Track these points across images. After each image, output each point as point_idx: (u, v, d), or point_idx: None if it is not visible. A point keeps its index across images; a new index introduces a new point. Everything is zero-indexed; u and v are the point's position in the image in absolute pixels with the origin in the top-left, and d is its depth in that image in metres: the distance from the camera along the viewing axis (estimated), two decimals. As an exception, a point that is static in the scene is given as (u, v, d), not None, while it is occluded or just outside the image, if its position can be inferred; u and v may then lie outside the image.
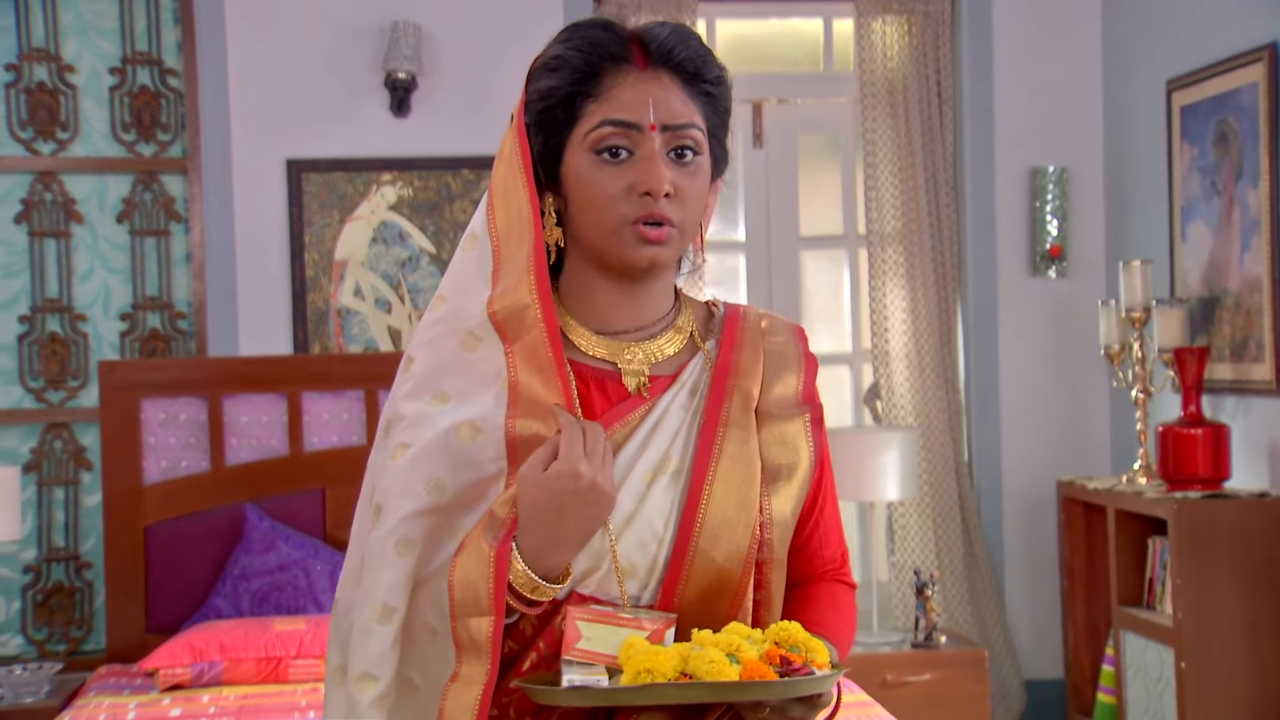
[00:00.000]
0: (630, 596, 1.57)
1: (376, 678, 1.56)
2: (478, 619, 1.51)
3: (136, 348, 4.82)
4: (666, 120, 1.58)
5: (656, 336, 1.67)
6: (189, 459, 4.28)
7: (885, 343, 5.04)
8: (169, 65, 4.85)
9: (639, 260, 1.59)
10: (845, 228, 5.27)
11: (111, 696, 3.76)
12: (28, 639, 4.77)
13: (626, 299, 1.66)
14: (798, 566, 1.74)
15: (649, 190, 1.56)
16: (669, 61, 1.60)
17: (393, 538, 1.57)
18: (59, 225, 4.80)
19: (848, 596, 1.77)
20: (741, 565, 1.58)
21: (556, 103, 1.60)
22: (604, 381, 1.64)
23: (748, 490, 1.60)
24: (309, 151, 4.80)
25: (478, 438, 1.57)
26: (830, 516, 1.76)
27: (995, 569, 5.13)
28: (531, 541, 1.52)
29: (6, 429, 4.76)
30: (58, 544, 4.79)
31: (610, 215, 1.58)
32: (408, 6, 4.81)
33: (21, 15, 4.78)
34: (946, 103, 5.11)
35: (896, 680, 4.33)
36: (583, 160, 1.59)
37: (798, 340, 1.75)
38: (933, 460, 5.02)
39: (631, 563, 1.57)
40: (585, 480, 1.51)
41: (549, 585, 1.53)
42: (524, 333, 1.58)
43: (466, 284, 1.63)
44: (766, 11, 5.23)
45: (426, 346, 1.63)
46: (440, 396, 1.60)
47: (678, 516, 1.58)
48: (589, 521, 1.53)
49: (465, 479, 1.58)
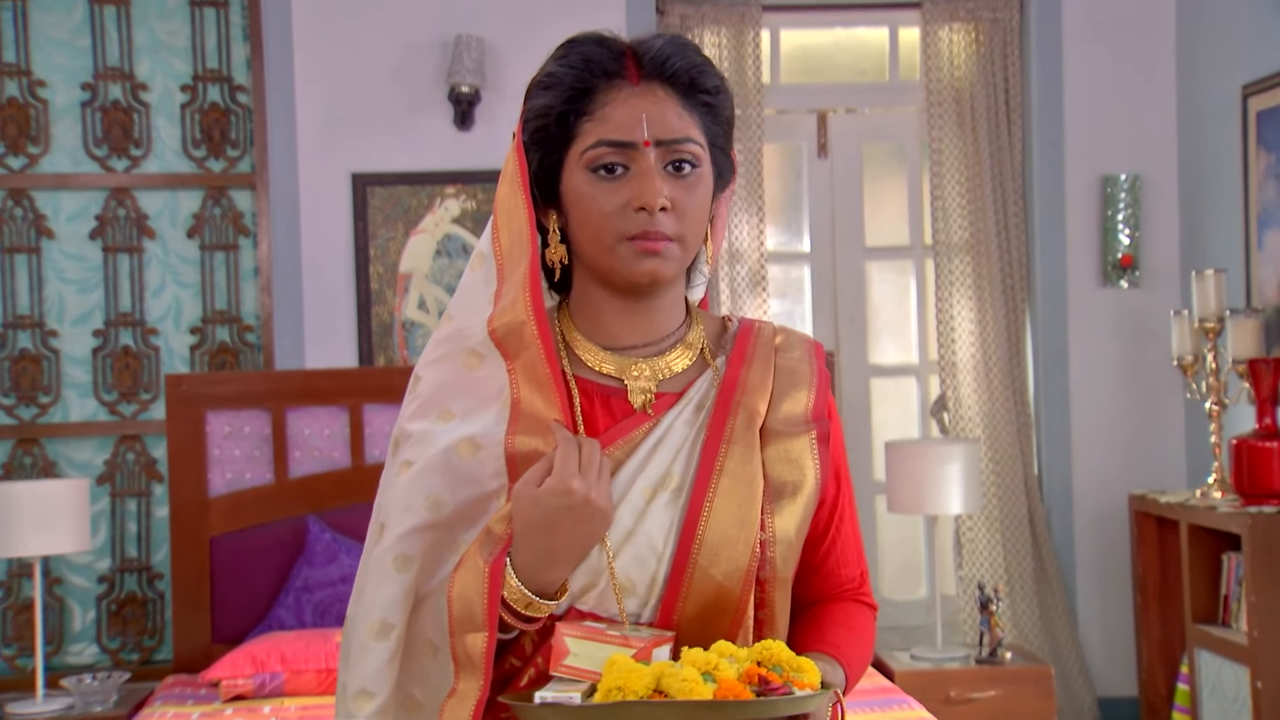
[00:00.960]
0: (630, 614, 1.55)
1: (373, 694, 1.57)
2: (473, 634, 1.51)
3: (206, 361, 4.89)
4: (661, 135, 1.56)
5: (665, 353, 1.66)
6: (253, 471, 4.33)
7: (952, 354, 4.98)
8: (238, 82, 4.92)
9: (639, 275, 1.58)
10: (911, 238, 5.21)
11: (176, 706, 3.81)
12: (102, 648, 4.85)
13: (632, 315, 1.65)
14: (814, 585, 1.72)
15: (643, 205, 1.55)
16: (663, 74, 1.58)
17: (391, 554, 1.57)
18: (132, 241, 4.88)
19: (865, 617, 1.74)
20: (741, 583, 1.55)
21: (552, 121, 1.59)
22: (609, 398, 1.63)
23: (748, 508, 1.57)
24: (374, 165, 4.84)
25: (477, 454, 1.57)
26: (847, 535, 1.73)
27: (1066, 584, 5.04)
28: (525, 557, 1.52)
29: (81, 441, 4.84)
30: (130, 555, 4.87)
31: (607, 232, 1.57)
32: (471, 21, 4.83)
33: (98, 36, 4.87)
34: (1015, 111, 5.04)
35: (960, 697, 4.26)
36: (580, 178, 1.58)
37: (812, 356, 1.72)
38: (1001, 473, 4.95)
39: (630, 579, 1.55)
40: (578, 496, 1.50)
41: (544, 601, 1.52)
42: (523, 349, 1.58)
43: (472, 303, 1.63)
44: (831, 21, 5.19)
45: (433, 366, 1.63)
46: (444, 415, 1.60)
47: (677, 534, 1.56)
48: (584, 537, 1.52)
49: (465, 495, 1.58)
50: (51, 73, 4.87)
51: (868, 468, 5.11)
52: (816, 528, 1.69)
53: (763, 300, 4.90)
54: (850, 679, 1.65)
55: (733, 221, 4.92)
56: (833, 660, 1.62)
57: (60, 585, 4.82)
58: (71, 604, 4.84)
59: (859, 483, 5.12)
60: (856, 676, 1.68)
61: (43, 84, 4.86)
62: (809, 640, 1.66)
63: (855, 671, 1.67)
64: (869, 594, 1.78)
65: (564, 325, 1.67)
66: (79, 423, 4.84)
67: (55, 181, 4.84)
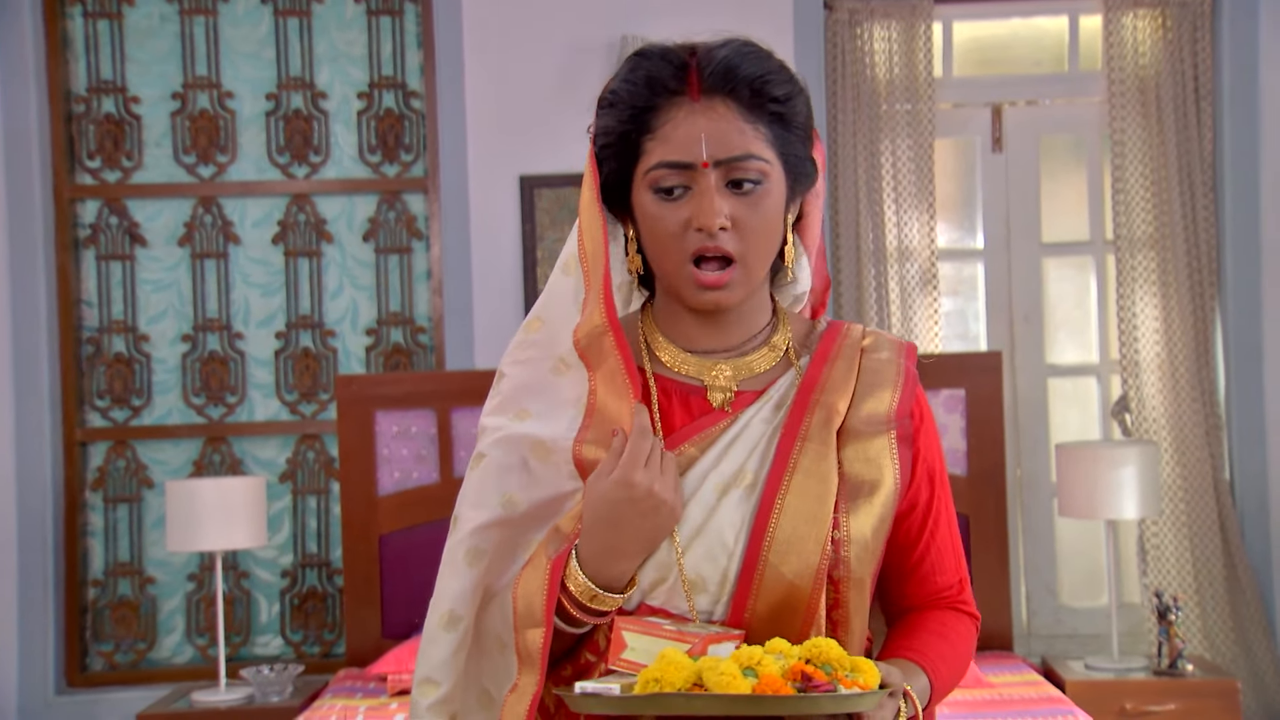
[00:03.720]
0: (703, 610, 1.55)
1: (438, 683, 1.61)
2: (533, 630, 1.53)
3: (381, 362, 5.01)
4: (719, 155, 1.56)
5: (748, 354, 1.66)
6: (420, 470, 4.41)
7: (1135, 353, 4.78)
8: (412, 88, 5.03)
9: (701, 305, 1.60)
10: (1092, 233, 5.02)
11: (345, 699, 3.90)
12: (286, 641, 5.01)
13: (710, 325, 1.66)
14: (908, 592, 1.70)
15: (701, 226, 1.55)
16: (725, 88, 1.57)
17: (462, 547, 1.62)
18: (311, 245, 5.03)
19: (960, 625, 1.70)
20: (812, 582, 1.53)
21: (615, 140, 1.60)
22: (688, 397, 1.64)
23: (820, 506, 1.55)
24: (541, 168, 4.88)
25: (551, 457, 1.61)
26: (943, 541, 1.69)
27: (1263, 594, 4.79)
28: (591, 550, 1.53)
29: (265, 440, 5.01)
30: (311, 550, 5.02)
31: (672, 251, 1.58)
32: (636, 21, 4.84)
33: (281, 47, 5.03)
34: (1205, 100, 4.81)
35: (1137, 709, 4.09)
36: (646, 197, 1.59)
37: (901, 357, 1.69)
38: (1188, 476, 4.73)
39: (700, 575, 1.55)
40: (640, 489, 1.51)
41: (610, 595, 1.54)
42: (603, 360, 1.60)
43: (563, 309, 1.66)
44: (1008, 11, 5.03)
45: (519, 365, 1.67)
46: (521, 414, 1.64)
47: (748, 530, 1.55)
48: (649, 531, 1.53)
49: (539, 495, 1.62)
50: (239, 84, 5.05)
51: (1046, 471, 4.94)
52: (909, 532, 1.67)
53: (934, 299, 4.79)
54: (937, 686, 1.61)
55: (901, 219, 4.81)
56: (915, 666, 1.59)
57: (247, 579, 5.00)
58: (258, 597, 5.01)
59: (1036, 486, 4.95)
60: (946, 684, 1.64)
61: (230, 95, 5.04)
62: (896, 646, 1.65)
63: (943, 679, 1.63)
64: (968, 602, 1.73)
65: (646, 325, 1.70)
66: (262, 422, 5.00)
67: (241, 189, 5.02)
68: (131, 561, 4.99)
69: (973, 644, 1.71)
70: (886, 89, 4.83)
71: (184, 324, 5.02)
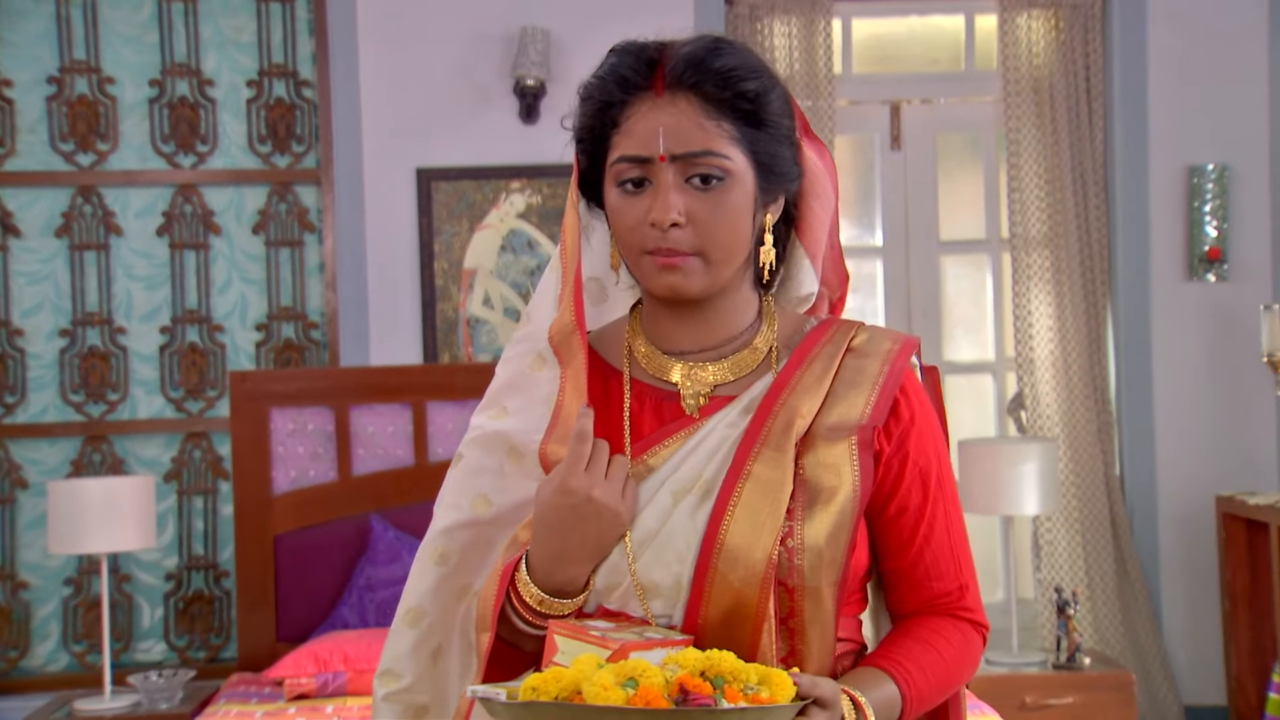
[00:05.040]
0: (659, 615, 1.55)
1: (399, 674, 1.66)
2: (483, 634, 1.56)
3: (271, 358, 4.87)
4: (676, 150, 1.55)
5: (727, 356, 1.64)
6: (317, 469, 4.29)
7: (1030, 350, 4.84)
8: (303, 77, 4.90)
9: (659, 289, 1.59)
10: (988, 231, 5.08)
11: (240, 705, 3.79)
12: (170, 646, 4.85)
13: (685, 322, 1.65)
14: (904, 597, 1.67)
15: (653, 222, 1.55)
16: (686, 83, 1.56)
17: (431, 546, 1.66)
18: (198, 237, 4.87)
19: (955, 632, 1.64)
20: (758, 590, 1.51)
21: (587, 134, 1.62)
22: (661, 402, 1.64)
23: (770, 514, 1.53)
24: (439, 160, 4.79)
25: (523, 460, 1.63)
26: (939, 546, 1.64)
27: (1150, 588, 4.89)
28: (539, 557, 1.55)
29: (149, 438, 4.84)
30: (197, 552, 4.86)
31: (632, 245, 1.59)
32: (536, 13, 4.77)
33: (165, 32, 4.87)
34: (1096, 100, 4.88)
35: (1036, 703, 4.13)
36: (612, 191, 1.60)
37: (888, 358, 1.64)
38: (1081, 473, 4.80)
39: (654, 581, 1.54)
40: (579, 495, 1.52)
41: (558, 600, 1.55)
42: (572, 357, 1.62)
43: (546, 305, 1.67)
44: (906, 10, 5.07)
45: (506, 363, 1.69)
46: (500, 412, 1.66)
47: (700, 537, 1.54)
48: (594, 537, 1.54)
49: (512, 498, 1.64)
50: (120, 69, 4.87)
51: (943, 467, 4.98)
52: (900, 536, 1.63)
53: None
54: (911, 696, 1.57)
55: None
56: (884, 675, 1.56)
57: (129, 583, 4.83)
58: (140, 601, 4.84)
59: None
60: (925, 693, 1.59)
61: (111, 81, 4.86)
62: (874, 654, 1.62)
63: (920, 688, 1.58)
64: (971, 609, 1.67)
65: (631, 328, 1.70)
66: (146, 420, 4.84)
67: (123, 178, 4.84)
68: (4, 565, 4.79)
69: (971, 651, 1.66)
70: (786, 84, 4.81)
71: (61, 318, 4.83)
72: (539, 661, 1.59)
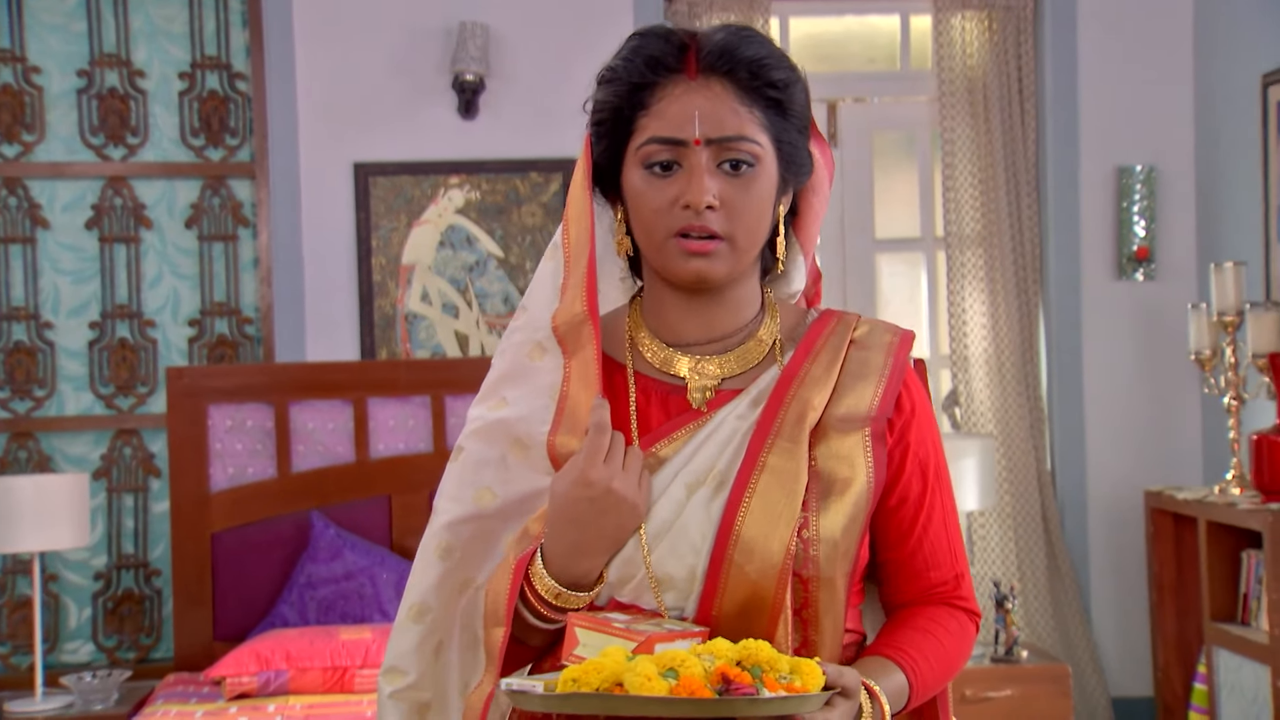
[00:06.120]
0: (673, 607, 1.55)
1: (404, 671, 1.64)
2: (496, 629, 1.54)
3: (204, 354, 4.80)
4: (712, 133, 1.55)
5: (733, 349, 1.64)
6: (255, 466, 4.24)
7: (964, 348, 4.91)
8: (237, 69, 4.83)
9: (685, 274, 1.58)
10: (923, 230, 5.13)
11: (179, 705, 3.74)
12: (98, 646, 4.76)
13: (695, 311, 1.64)
14: (901, 587, 1.69)
15: (688, 204, 1.54)
16: (722, 68, 1.56)
17: (434, 541, 1.64)
18: (129, 231, 4.79)
19: (952, 621, 1.67)
20: (775, 581, 1.52)
21: (609, 115, 1.60)
22: (667, 396, 1.63)
23: (787, 505, 1.54)
24: (376, 155, 4.75)
25: (528, 451, 1.61)
26: (936, 535, 1.67)
27: (1080, 582, 4.97)
28: (555, 549, 1.54)
29: (77, 435, 4.75)
30: (127, 551, 4.78)
31: (658, 228, 1.57)
32: (475, 8, 4.74)
33: (94, 21, 4.77)
34: (1028, 100, 4.96)
35: (976, 696, 4.19)
36: (636, 174, 1.58)
37: (891, 349, 1.65)
38: (1014, 469, 4.87)
39: (667, 573, 1.55)
40: (598, 487, 1.52)
41: (575, 594, 1.54)
42: (580, 348, 1.60)
43: (544, 295, 1.65)
44: (842, 9, 5.11)
45: (503, 355, 1.68)
46: (499, 403, 1.64)
47: (715, 529, 1.54)
48: (611, 529, 1.53)
49: (518, 490, 1.62)
50: (46, 59, 4.78)
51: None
52: (900, 526, 1.65)
53: (771, 292, 4.82)
54: (917, 684, 1.59)
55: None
56: (893, 664, 1.57)
57: (55, 582, 4.73)
58: (67, 601, 4.75)
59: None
60: (929, 681, 1.62)
61: (37, 70, 4.77)
62: (878, 644, 1.64)
63: (925, 677, 1.61)
64: (966, 598, 1.71)
65: (632, 319, 1.69)
66: (74, 416, 4.75)
67: (50, 170, 4.75)
68: (-75, 565, 4.69)
69: (967, 640, 1.69)
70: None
71: (-16, 312, 4.74)
72: (548, 655, 1.60)
